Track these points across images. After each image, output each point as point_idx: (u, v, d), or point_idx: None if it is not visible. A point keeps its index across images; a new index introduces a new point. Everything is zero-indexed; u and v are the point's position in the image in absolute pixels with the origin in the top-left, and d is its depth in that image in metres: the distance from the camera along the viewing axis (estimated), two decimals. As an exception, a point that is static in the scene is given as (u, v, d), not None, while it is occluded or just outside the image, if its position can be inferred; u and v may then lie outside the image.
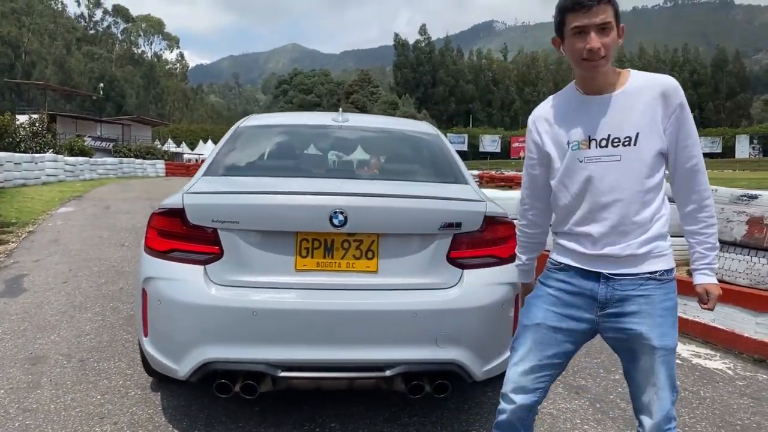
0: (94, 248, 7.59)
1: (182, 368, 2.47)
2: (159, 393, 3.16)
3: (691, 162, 1.85)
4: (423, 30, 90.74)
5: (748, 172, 53.63)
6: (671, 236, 1.99)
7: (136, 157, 39.52)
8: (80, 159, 28.11)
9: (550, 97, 2.05)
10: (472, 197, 2.74)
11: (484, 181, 32.63)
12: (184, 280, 2.49)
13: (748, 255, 4.48)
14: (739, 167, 68.57)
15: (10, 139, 26.08)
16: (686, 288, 4.79)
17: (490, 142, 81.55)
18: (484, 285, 2.59)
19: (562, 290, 1.96)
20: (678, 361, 3.88)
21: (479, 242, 2.63)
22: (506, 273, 2.63)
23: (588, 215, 1.89)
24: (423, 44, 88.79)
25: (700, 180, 1.88)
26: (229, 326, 2.42)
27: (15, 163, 18.98)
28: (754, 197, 5.45)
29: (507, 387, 2.00)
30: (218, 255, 2.50)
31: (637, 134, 1.82)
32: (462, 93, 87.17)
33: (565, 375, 3.56)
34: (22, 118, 32.00)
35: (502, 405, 2.00)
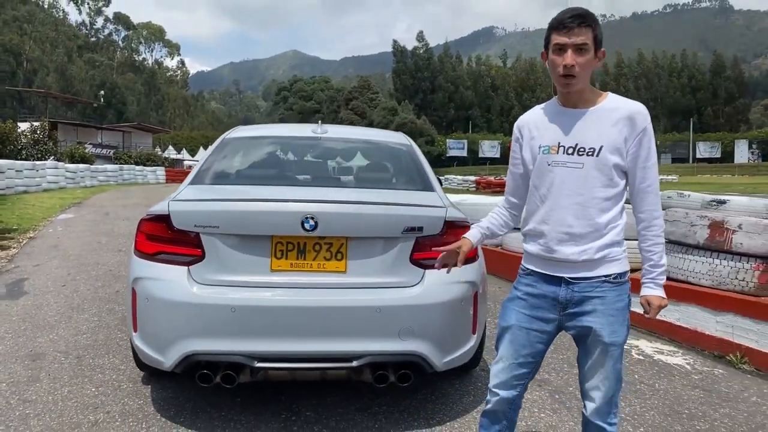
0: (92, 253, 7.85)
1: (167, 360, 2.71)
2: (149, 386, 3.40)
3: (645, 182, 2.07)
4: (420, 37, 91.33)
5: (746, 177, 53.75)
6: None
7: (137, 163, 39.78)
8: (81, 166, 28.37)
9: (536, 107, 2.28)
10: (434, 203, 2.99)
11: (481, 187, 32.98)
12: (169, 280, 2.74)
13: (710, 257, 4.71)
14: (738, 172, 68.80)
15: (11, 146, 26.37)
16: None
17: (489, 148, 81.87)
18: (444, 284, 2.83)
19: (530, 294, 2.19)
20: (640, 357, 4.16)
21: (440, 244, 2.85)
22: (465, 273, 2.89)
23: (550, 214, 2.11)
24: (421, 51, 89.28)
25: (652, 200, 2.09)
26: (209, 321, 2.66)
27: (16, 171, 19.22)
28: (723, 202, 5.68)
29: (491, 382, 2.25)
30: (200, 257, 2.75)
31: (601, 147, 2.04)
32: (461, 99, 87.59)
33: (530, 369, 3.80)
34: (23, 126, 32.29)
35: (489, 397, 2.25)
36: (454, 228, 2.89)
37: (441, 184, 4.43)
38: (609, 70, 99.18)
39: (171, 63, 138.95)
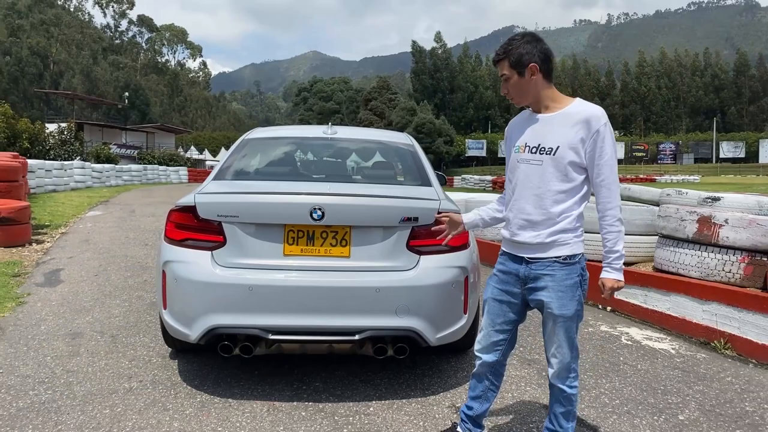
0: (121, 247, 8.34)
1: (193, 333, 3.10)
2: (176, 360, 3.80)
3: (600, 178, 2.37)
4: (438, 37, 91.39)
5: (769, 177, 52.91)
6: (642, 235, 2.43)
7: (160, 164, 40.59)
8: (106, 166, 29.15)
9: (520, 114, 2.65)
10: (429, 197, 3.34)
11: (498, 186, 33.29)
12: (195, 263, 3.13)
13: (699, 250, 5.00)
14: (762, 172, 67.85)
15: (40, 147, 27.26)
16: (648, 280, 5.38)
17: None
18: (437, 268, 3.18)
19: (501, 271, 2.57)
20: (629, 342, 4.46)
21: (434, 233, 3.21)
22: (457, 259, 3.24)
23: (515, 204, 2.49)
24: (439, 51, 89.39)
25: (605, 194, 2.39)
26: (230, 299, 3.04)
27: (46, 170, 19.95)
28: (717, 199, 5.94)
29: (475, 348, 2.64)
30: (222, 243, 3.13)
31: (558, 147, 2.38)
32: (481, 99, 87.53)
33: (522, 351, 4.13)
34: (51, 127, 33.27)
35: (475, 361, 2.64)
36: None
37: (444, 182, 4.81)
38: (630, 69, 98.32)
39: (193, 64, 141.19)
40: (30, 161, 17.47)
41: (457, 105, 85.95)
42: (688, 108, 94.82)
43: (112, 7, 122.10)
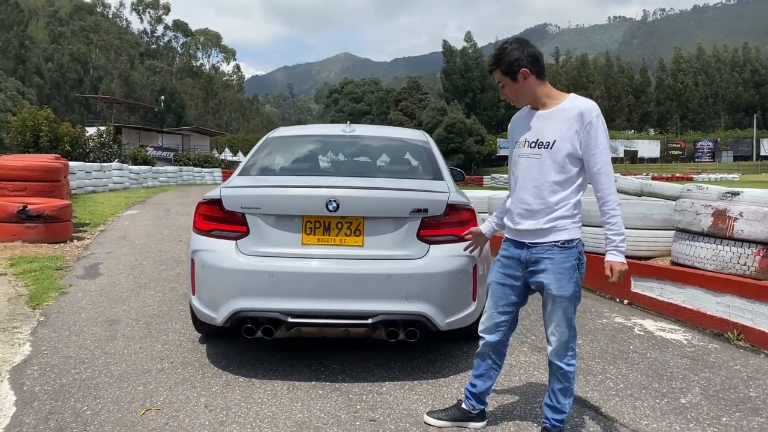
0: (156, 243, 8.72)
1: (219, 316, 3.34)
2: (205, 344, 4.06)
3: (597, 167, 2.54)
4: (469, 37, 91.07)
5: (811, 175, 51.30)
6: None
7: (195, 165, 41.53)
8: (143, 167, 29.99)
9: (521, 110, 2.80)
10: (439, 190, 3.51)
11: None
12: (220, 251, 3.37)
13: (714, 243, 5.06)
14: (804, 169, 65.75)
15: (80, 149, 28.26)
16: (664, 273, 5.47)
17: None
18: (445, 257, 3.36)
19: (504, 256, 2.75)
20: (641, 333, 4.56)
21: (443, 224, 3.40)
22: (464, 248, 3.41)
23: (516, 195, 2.68)
24: (470, 50, 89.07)
25: (603, 181, 2.55)
26: (252, 284, 3.28)
27: (86, 172, 20.71)
28: (737, 194, 5.96)
29: (479, 329, 2.82)
30: (245, 233, 3.37)
31: (555, 140, 2.56)
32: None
33: (533, 339, 4.28)
34: (90, 130, 34.37)
35: (480, 341, 2.82)
36: (456, 210, 3.42)
37: (462, 178, 4.97)
38: (666, 66, 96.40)
39: (227, 68, 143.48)
40: (71, 163, 18.17)
41: (488, 104, 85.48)
42: (727, 105, 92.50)
43: (149, 13, 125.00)
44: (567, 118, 2.54)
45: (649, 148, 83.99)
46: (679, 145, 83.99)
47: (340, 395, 3.25)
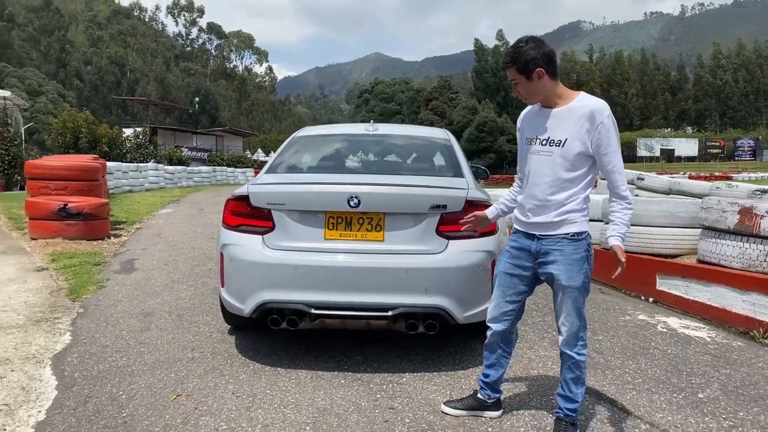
0: (189, 240, 8.99)
1: (246, 307, 3.49)
2: (234, 335, 4.23)
3: (610, 165, 2.62)
4: (500, 35, 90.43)
5: None
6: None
7: (228, 165, 42.17)
8: (178, 168, 30.62)
9: (531, 106, 2.89)
10: (459, 186, 3.60)
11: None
12: (248, 246, 3.52)
13: (740, 241, 5.01)
14: None
15: (118, 150, 29.02)
16: (689, 271, 5.46)
17: (573, 146, 79.83)
18: (464, 252, 3.44)
19: (514, 247, 2.84)
20: (664, 330, 4.57)
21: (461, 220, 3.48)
22: (483, 243, 3.49)
23: (528, 190, 2.76)
24: (501, 49, 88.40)
25: (616, 178, 2.64)
26: (277, 277, 3.41)
27: (123, 172, 21.31)
28: (767, 192, 5.90)
29: (487, 318, 2.92)
30: (271, 228, 3.51)
31: (566, 139, 2.64)
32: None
33: (553, 334, 4.33)
34: (127, 131, 35.28)
35: (487, 332, 2.91)
36: (475, 206, 3.48)
37: (486, 176, 5.04)
38: (704, 62, 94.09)
39: (260, 69, 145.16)
40: (108, 163, 18.70)
41: (520, 103, 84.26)
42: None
43: (184, 16, 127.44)
44: (578, 117, 2.61)
45: (686, 146, 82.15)
46: (718, 144, 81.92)
47: (361, 384, 3.36)
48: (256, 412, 2.99)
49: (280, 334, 4.13)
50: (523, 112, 2.91)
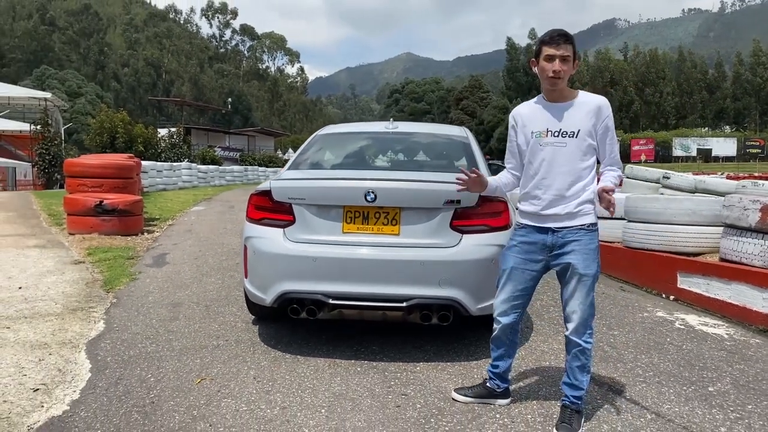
0: (219, 236, 9.25)
1: (268, 297, 3.65)
2: (257, 325, 4.40)
3: (613, 154, 2.85)
4: (533, 34, 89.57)
5: None
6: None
7: (260, 165, 42.81)
8: (211, 167, 31.23)
9: (526, 102, 3.02)
10: (473, 182, 3.69)
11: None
12: (270, 238, 3.68)
13: (762, 239, 4.99)
14: None
15: (153, 150, 29.77)
16: (709, 269, 5.47)
17: (607, 146, 78.60)
18: (477, 245, 3.55)
19: (524, 242, 2.93)
20: (682, 326, 4.60)
21: (475, 215, 3.59)
22: (496, 238, 3.58)
23: (542, 182, 2.86)
24: (534, 47, 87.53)
25: (616, 160, 2.87)
26: (298, 269, 3.57)
27: (157, 171, 21.86)
28: (792, 190, 5.84)
29: (495, 312, 3.02)
30: (292, 221, 3.66)
31: (579, 130, 2.79)
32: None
33: (569, 329, 4.39)
34: (162, 132, 36.14)
35: (494, 325, 3.01)
36: (489, 202, 3.59)
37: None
38: (744, 60, 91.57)
39: (291, 70, 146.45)
40: (143, 162, 19.21)
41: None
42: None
43: (218, 18, 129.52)
44: (587, 111, 2.78)
45: (724, 146, 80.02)
46: (757, 143, 79.59)
47: (377, 372, 3.49)
48: (275, 396, 3.15)
49: (301, 325, 4.29)
50: (519, 110, 3.01)
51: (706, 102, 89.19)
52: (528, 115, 2.93)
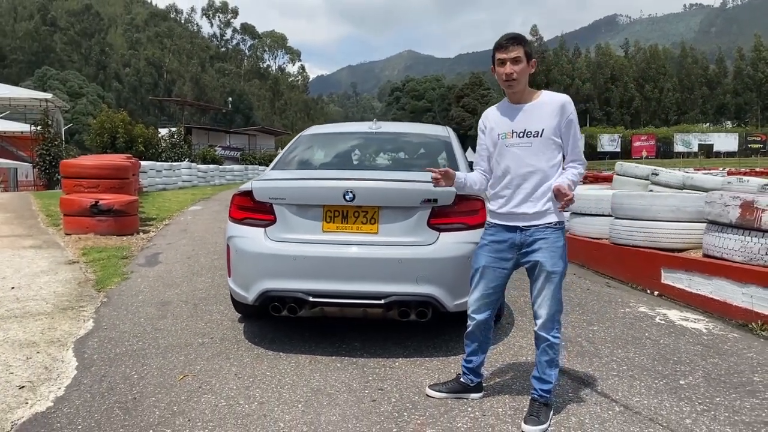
0: (213, 235, 9.34)
1: (250, 295, 3.73)
2: (242, 323, 4.48)
3: (575, 150, 2.91)
4: (535, 30, 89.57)
5: None
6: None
7: (260, 164, 42.94)
8: (211, 166, 31.37)
9: (495, 105, 3.10)
10: (451, 181, 3.76)
11: (589, 181, 32.64)
12: (251, 238, 3.76)
13: (742, 235, 5.05)
14: None
15: (153, 150, 29.89)
16: (692, 265, 5.54)
17: (608, 142, 78.63)
18: (454, 243, 3.62)
19: (494, 242, 3.00)
20: (662, 321, 4.67)
21: (452, 213, 3.66)
22: (473, 235, 3.63)
23: (511, 182, 2.93)
24: (536, 44, 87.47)
25: (579, 156, 2.91)
26: (278, 267, 3.64)
27: (157, 171, 21.97)
28: (775, 186, 5.90)
29: (469, 310, 3.09)
30: (273, 221, 3.74)
31: (543, 129, 2.87)
32: (577, 92, 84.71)
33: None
34: (163, 131, 36.26)
35: (468, 322, 3.09)
36: (465, 200, 3.66)
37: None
38: (745, 55, 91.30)
39: (292, 69, 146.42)
40: (143, 162, 19.37)
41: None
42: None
43: (218, 17, 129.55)
44: (550, 110, 2.85)
45: (726, 141, 79.94)
46: (759, 138, 79.47)
47: (356, 368, 3.57)
48: (255, 391, 3.23)
49: (285, 322, 4.37)
50: (487, 113, 3.10)
51: (707, 97, 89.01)
52: (494, 118, 3.00)
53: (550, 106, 2.86)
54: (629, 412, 2.98)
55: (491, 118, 3.01)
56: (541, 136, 2.85)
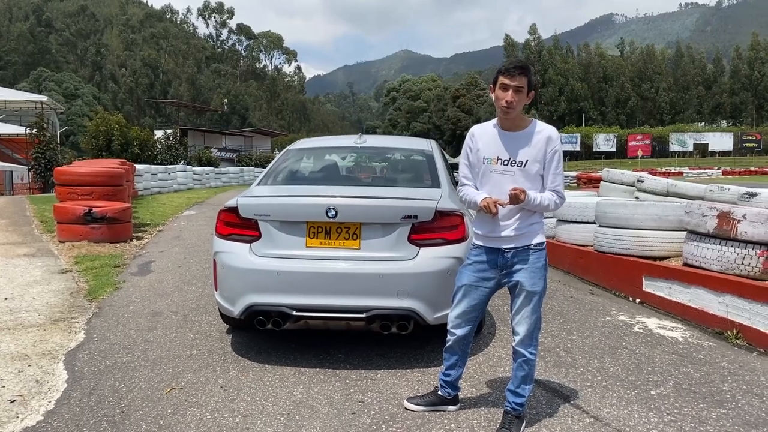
0: (206, 242, 9.42)
1: (236, 309, 3.84)
2: (230, 335, 4.59)
3: (554, 183, 3.00)
4: (533, 29, 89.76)
5: None
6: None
7: (256, 166, 42.97)
8: (206, 169, 31.42)
9: (484, 123, 3.18)
10: (431, 197, 3.88)
11: (582, 182, 32.70)
12: (237, 253, 3.86)
13: (719, 245, 5.18)
14: None
15: (149, 152, 29.92)
16: (672, 273, 5.67)
17: (604, 141, 79.02)
18: (434, 258, 3.73)
19: (478, 262, 3.11)
20: (640, 330, 4.79)
21: (432, 229, 3.77)
22: (453, 250, 3.77)
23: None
24: (533, 44, 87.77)
25: (558, 190, 2.99)
26: (263, 282, 3.75)
27: (152, 174, 22.04)
28: (754, 195, 6.01)
29: (449, 325, 3.19)
30: (258, 237, 3.85)
31: (527, 160, 2.96)
32: (572, 91, 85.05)
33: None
34: (159, 133, 36.29)
35: (448, 337, 3.20)
36: (445, 216, 3.78)
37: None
38: (741, 54, 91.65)
39: (289, 69, 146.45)
40: (138, 166, 19.45)
41: (549, 99, 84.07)
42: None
43: (214, 17, 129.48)
44: (536, 141, 2.95)
45: (721, 140, 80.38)
46: (754, 137, 79.87)
47: (338, 380, 3.68)
48: (239, 404, 3.34)
49: (272, 334, 4.47)
50: (476, 130, 3.15)
51: (702, 97, 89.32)
52: (483, 139, 3.06)
53: (537, 137, 2.94)
54: (599, 423, 3.10)
55: (480, 139, 3.07)
56: (524, 166, 2.94)
